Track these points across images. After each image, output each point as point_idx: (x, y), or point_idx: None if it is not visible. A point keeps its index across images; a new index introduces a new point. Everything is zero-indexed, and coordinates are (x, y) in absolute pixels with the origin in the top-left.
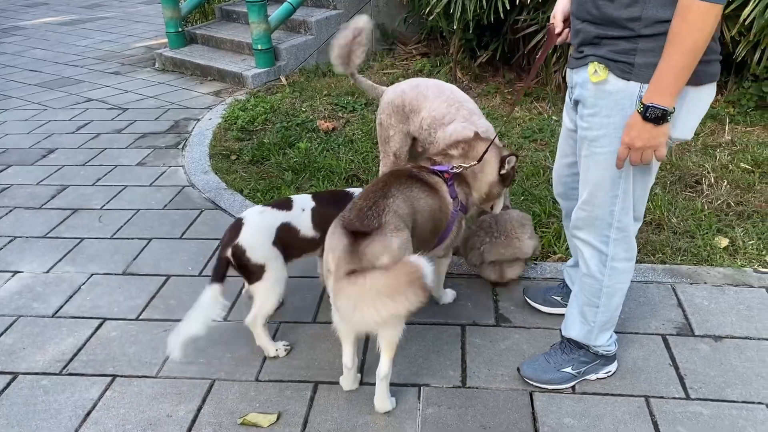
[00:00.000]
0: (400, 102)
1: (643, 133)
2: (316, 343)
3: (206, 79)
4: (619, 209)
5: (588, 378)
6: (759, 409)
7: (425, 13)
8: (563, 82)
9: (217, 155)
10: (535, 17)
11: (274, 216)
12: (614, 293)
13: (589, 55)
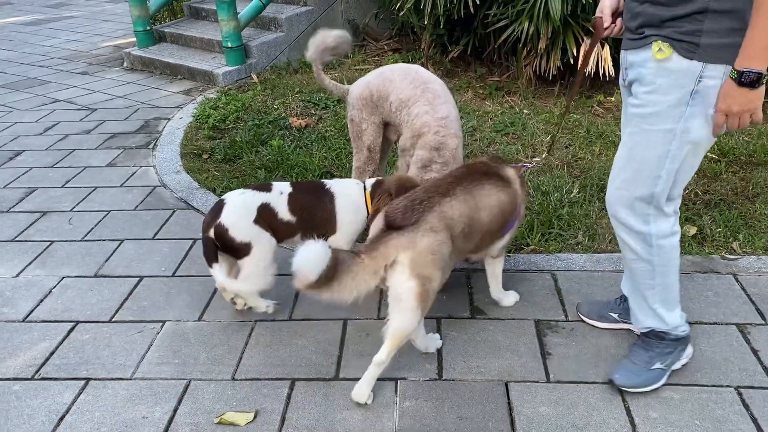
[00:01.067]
0: (368, 94)
1: (739, 97)
2: (292, 340)
3: (176, 77)
4: (660, 190)
5: (674, 367)
6: (727, 392)
7: (396, 8)
8: (534, 75)
9: (188, 154)
10: (504, 12)
11: (254, 196)
12: (668, 271)
13: (651, 35)
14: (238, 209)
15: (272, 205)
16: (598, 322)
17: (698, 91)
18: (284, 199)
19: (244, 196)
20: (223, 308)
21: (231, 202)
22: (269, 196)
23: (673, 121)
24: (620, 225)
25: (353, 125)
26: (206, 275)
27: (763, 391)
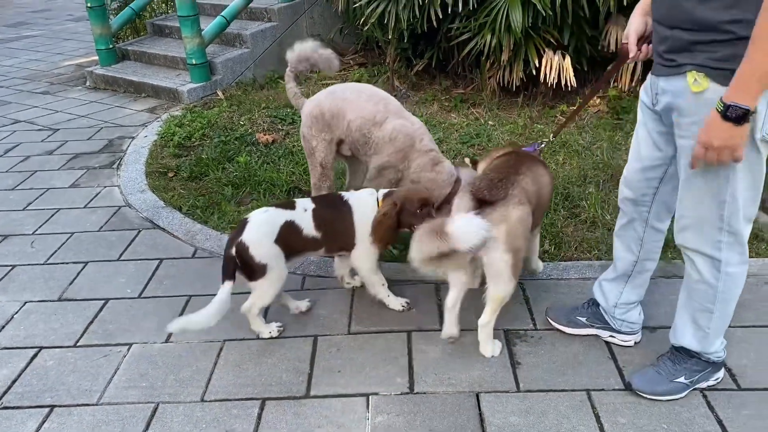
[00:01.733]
0: (318, 112)
1: (721, 132)
2: (262, 358)
3: (140, 95)
4: (729, 213)
5: (699, 386)
6: (693, 395)
7: (360, 23)
8: (498, 87)
9: (153, 173)
10: (467, 25)
11: (278, 214)
12: (730, 299)
13: (684, 64)
14: (260, 227)
15: (297, 222)
16: (567, 327)
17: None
18: (309, 216)
19: (267, 214)
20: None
21: (254, 220)
22: (294, 214)
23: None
24: (690, 251)
25: (305, 141)
26: (173, 295)
27: (727, 392)
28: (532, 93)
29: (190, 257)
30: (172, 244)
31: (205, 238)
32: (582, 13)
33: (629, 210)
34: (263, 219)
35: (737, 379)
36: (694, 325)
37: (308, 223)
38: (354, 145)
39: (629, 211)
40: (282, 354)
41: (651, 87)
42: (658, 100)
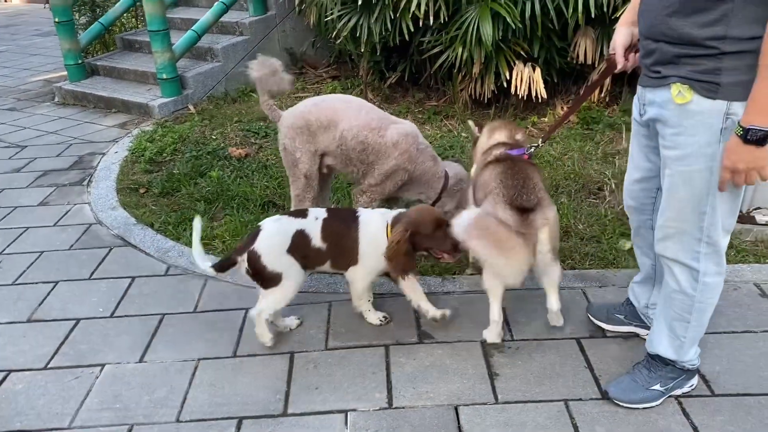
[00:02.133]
0: (303, 123)
1: (744, 155)
2: (238, 377)
3: (110, 111)
4: (708, 224)
5: (674, 393)
6: (668, 402)
7: (332, 36)
8: (470, 99)
9: (124, 189)
10: (438, 38)
11: (290, 223)
12: (706, 308)
13: (669, 76)
14: (272, 236)
15: (307, 231)
16: (607, 324)
17: (728, 127)
18: (318, 225)
19: (279, 223)
20: (165, 348)
21: (266, 229)
22: (305, 222)
23: (706, 159)
24: (668, 260)
25: (286, 153)
26: (146, 314)
27: (701, 399)
28: (503, 105)
29: (163, 275)
30: (144, 261)
31: (177, 255)
32: (551, 25)
33: (635, 218)
34: (275, 228)
35: (711, 385)
36: (671, 333)
37: (316, 233)
38: (344, 155)
39: (635, 219)
40: (258, 372)
41: (639, 98)
42: (645, 111)
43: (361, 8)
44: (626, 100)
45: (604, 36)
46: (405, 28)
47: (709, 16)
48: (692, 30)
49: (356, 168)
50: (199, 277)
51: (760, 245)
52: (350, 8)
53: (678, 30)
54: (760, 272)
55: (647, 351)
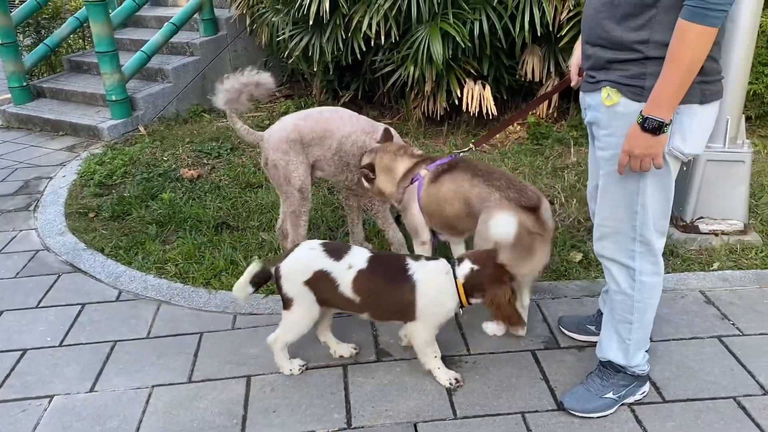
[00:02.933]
0: (297, 135)
1: (640, 142)
2: (193, 403)
3: (58, 134)
4: (640, 223)
5: (626, 401)
6: (621, 410)
7: (285, 56)
8: (423, 117)
9: (73, 214)
10: (390, 57)
11: (317, 258)
12: (646, 308)
13: (601, 80)
14: (297, 263)
15: (333, 276)
16: (578, 335)
17: None
18: (351, 275)
19: (311, 252)
20: (117, 375)
21: (299, 251)
22: (335, 266)
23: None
24: (606, 259)
25: (277, 170)
26: (97, 341)
27: (653, 405)
28: (456, 122)
29: (114, 300)
30: (94, 287)
31: (129, 280)
32: (499, 44)
33: None
34: (305, 256)
35: (662, 391)
36: (618, 337)
37: (347, 282)
38: (342, 163)
39: None
40: (214, 397)
41: (581, 103)
42: (586, 114)
43: (313, 28)
44: (573, 115)
45: (551, 54)
46: (357, 47)
47: (637, 21)
48: (623, 33)
49: (352, 174)
50: (152, 301)
51: (704, 254)
52: (301, 28)
53: (611, 34)
54: (705, 280)
55: (598, 358)
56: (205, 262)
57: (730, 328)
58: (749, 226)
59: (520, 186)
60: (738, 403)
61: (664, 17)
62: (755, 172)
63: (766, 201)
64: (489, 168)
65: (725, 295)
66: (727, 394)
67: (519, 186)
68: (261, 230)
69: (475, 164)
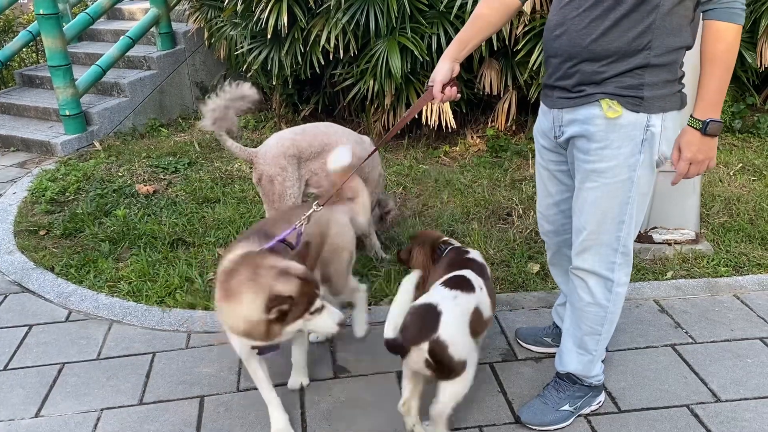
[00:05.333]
0: (296, 150)
1: (703, 146)
2: (144, 426)
3: (8, 150)
4: (625, 234)
5: (582, 412)
6: (578, 421)
7: (243, 70)
8: (383, 130)
9: (22, 232)
10: (349, 71)
11: (467, 300)
12: (614, 319)
13: (594, 93)
14: (458, 320)
15: (480, 306)
16: (534, 346)
17: (646, 139)
18: (485, 293)
19: (457, 301)
20: (64, 400)
21: (449, 311)
22: (477, 297)
23: (629, 170)
24: (584, 272)
25: (273, 186)
26: (44, 364)
27: (609, 416)
28: (415, 135)
29: (64, 321)
30: (43, 308)
31: (79, 300)
32: None
33: (553, 241)
34: (459, 309)
35: (617, 401)
36: (581, 350)
37: (486, 302)
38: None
39: (553, 242)
40: (166, 419)
41: (554, 121)
42: (563, 132)
43: (271, 41)
44: (530, 128)
45: (508, 67)
46: (316, 61)
47: (636, 30)
48: (621, 44)
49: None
50: (104, 321)
51: (658, 263)
52: (260, 42)
53: (605, 46)
54: (658, 289)
55: (558, 370)
56: (159, 280)
57: (683, 336)
58: (701, 235)
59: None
60: (691, 411)
61: (662, 23)
62: (706, 183)
63: (717, 210)
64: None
65: (678, 303)
66: (680, 402)
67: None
68: (218, 246)
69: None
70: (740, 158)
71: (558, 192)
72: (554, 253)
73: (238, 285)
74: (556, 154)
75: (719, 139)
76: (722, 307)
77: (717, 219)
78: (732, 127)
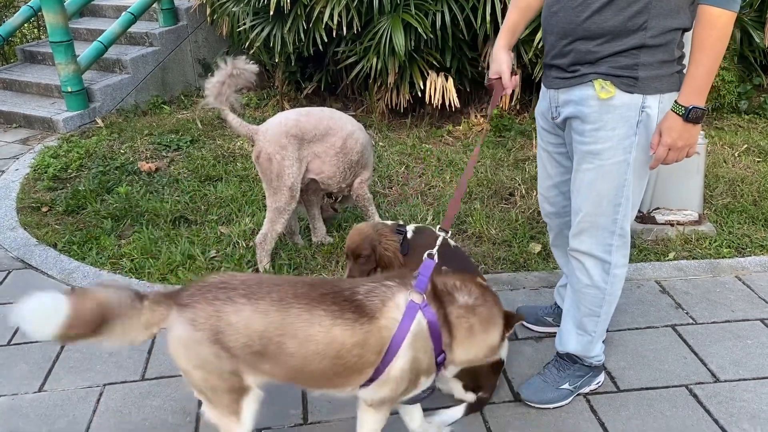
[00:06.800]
0: (299, 131)
1: (684, 133)
2: (146, 401)
3: (11, 126)
4: (622, 216)
5: (582, 391)
6: (577, 400)
7: (246, 47)
8: (386, 109)
9: (25, 209)
10: (353, 48)
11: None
12: (613, 301)
13: (588, 73)
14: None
15: None
16: (535, 326)
17: (642, 120)
18: None
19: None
20: (67, 375)
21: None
22: None
23: (624, 152)
24: (582, 254)
25: (271, 164)
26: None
27: (608, 395)
28: (419, 114)
29: None
30: (46, 284)
31: (82, 276)
32: (461, 35)
33: (555, 223)
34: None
35: (616, 381)
36: (579, 330)
37: None
38: (344, 160)
39: (555, 224)
40: (167, 395)
41: (550, 102)
42: (559, 113)
43: (274, 18)
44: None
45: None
46: (318, 38)
47: (632, 9)
48: (616, 23)
49: (348, 171)
50: None
51: (660, 244)
52: (262, 18)
53: (601, 24)
54: (660, 269)
55: (557, 351)
56: (161, 257)
57: (684, 317)
58: (704, 217)
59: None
60: (690, 391)
61: (659, 3)
62: (710, 164)
63: (721, 191)
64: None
65: (680, 284)
66: (679, 383)
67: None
68: (220, 224)
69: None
70: (745, 139)
71: (558, 174)
72: (556, 235)
73: (489, 314)
74: (554, 136)
75: (723, 120)
76: (724, 288)
77: (720, 200)
78: (738, 108)
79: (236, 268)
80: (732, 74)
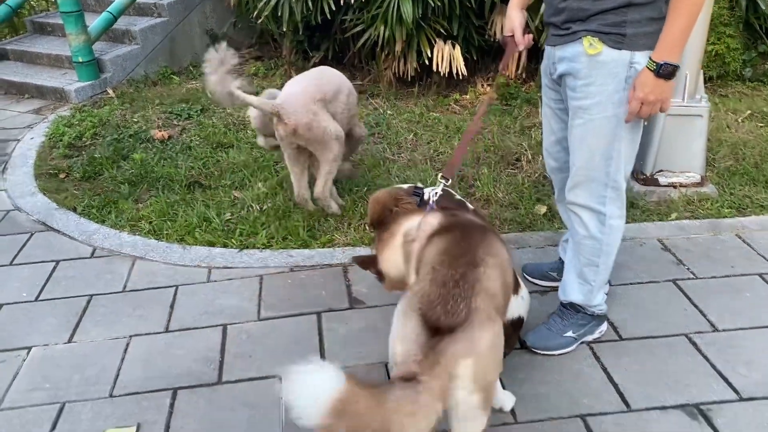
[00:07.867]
0: (321, 95)
1: (656, 88)
2: (170, 351)
3: (23, 97)
4: (614, 169)
5: (585, 339)
6: (581, 348)
7: (254, 16)
8: (394, 78)
9: (43, 175)
10: (360, 17)
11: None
12: (611, 251)
13: (579, 31)
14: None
15: None
16: (541, 281)
17: (631, 76)
18: None
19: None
20: (94, 327)
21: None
22: None
23: (614, 107)
24: (578, 206)
25: (312, 131)
26: (73, 296)
27: (610, 343)
28: (426, 83)
29: (89, 257)
30: (68, 245)
31: (103, 238)
32: (469, 3)
33: (558, 177)
34: None
35: (619, 331)
36: (580, 280)
37: None
38: (349, 115)
39: (558, 179)
40: (191, 345)
41: (548, 58)
42: (556, 69)
43: None
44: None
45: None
46: (326, 6)
47: None
48: None
49: (351, 121)
50: (127, 257)
51: (663, 205)
52: None
53: None
54: (663, 229)
55: (561, 300)
56: (178, 220)
57: (685, 272)
58: (706, 179)
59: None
60: (689, 339)
61: None
62: (713, 129)
63: (723, 155)
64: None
65: (681, 242)
66: (679, 332)
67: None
68: (233, 188)
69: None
70: (749, 105)
71: (559, 129)
72: (560, 190)
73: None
74: (555, 92)
75: (728, 87)
76: (724, 246)
77: (723, 163)
78: (742, 76)
79: (251, 230)
80: (737, 41)
